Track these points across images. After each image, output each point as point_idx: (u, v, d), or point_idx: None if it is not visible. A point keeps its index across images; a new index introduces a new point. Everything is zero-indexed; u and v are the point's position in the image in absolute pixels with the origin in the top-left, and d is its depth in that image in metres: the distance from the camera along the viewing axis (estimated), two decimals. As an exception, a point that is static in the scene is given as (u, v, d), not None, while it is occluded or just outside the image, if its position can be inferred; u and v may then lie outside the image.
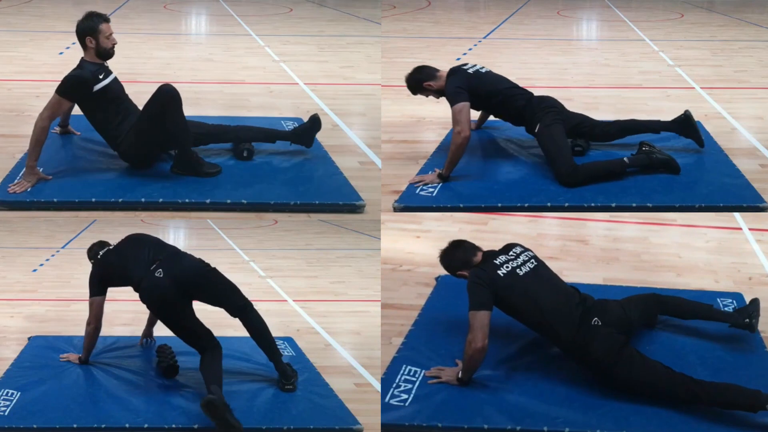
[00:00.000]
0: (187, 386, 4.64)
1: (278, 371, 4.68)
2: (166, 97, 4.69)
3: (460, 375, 4.19)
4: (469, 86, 4.90)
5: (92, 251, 4.97)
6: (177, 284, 4.53)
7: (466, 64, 5.10)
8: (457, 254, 4.47)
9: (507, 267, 4.28)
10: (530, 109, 4.99)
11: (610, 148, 5.19)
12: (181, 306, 4.57)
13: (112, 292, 4.86)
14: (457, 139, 4.75)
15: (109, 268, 4.76)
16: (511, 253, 4.39)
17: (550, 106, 5.01)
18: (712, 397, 3.93)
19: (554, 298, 4.25)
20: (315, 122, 5.29)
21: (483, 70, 5.09)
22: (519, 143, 5.37)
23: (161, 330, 4.88)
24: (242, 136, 5.17)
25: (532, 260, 4.39)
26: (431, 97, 5.12)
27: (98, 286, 4.77)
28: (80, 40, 4.77)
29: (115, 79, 4.85)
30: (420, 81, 5.08)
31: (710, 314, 4.71)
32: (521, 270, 4.29)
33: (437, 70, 5.09)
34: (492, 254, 4.40)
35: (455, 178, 4.86)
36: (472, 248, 4.47)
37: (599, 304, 4.33)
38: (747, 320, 4.61)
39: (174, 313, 4.58)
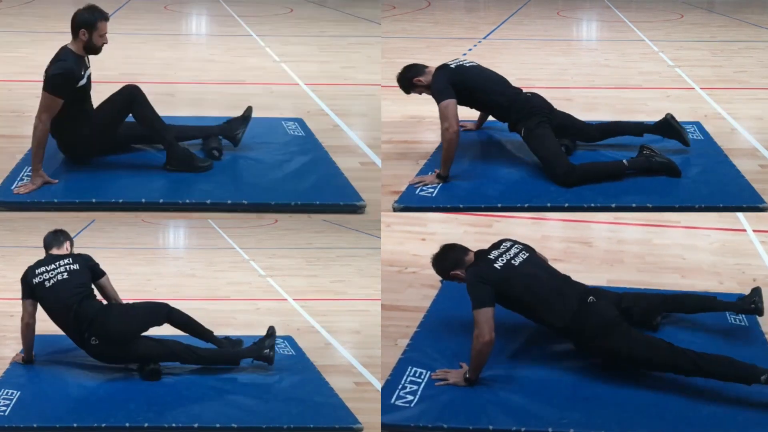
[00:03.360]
0: (187, 386, 4.64)
1: (218, 347, 4.90)
2: (131, 95, 4.77)
3: (468, 375, 4.22)
4: (452, 81, 4.89)
5: (45, 244, 4.94)
6: (115, 343, 4.64)
7: (451, 61, 5.09)
8: (448, 256, 4.55)
9: (502, 260, 4.37)
10: (515, 109, 4.97)
11: (601, 148, 5.19)
12: (132, 346, 4.66)
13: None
14: (446, 135, 4.75)
15: (40, 304, 4.80)
16: (502, 247, 4.48)
17: (535, 106, 4.97)
18: (711, 368, 4.04)
19: (551, 284, 4.36)
20: (248, 113, 5.28)
21: (468, 64, 5.08)
22: (519, 143, 5.36)
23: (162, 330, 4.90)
24: (177, 135, 5.08)
25: (524, 251, 4.49)
26: (429, 100, 5.12)
27: (28, 293, 4.81)
28: (74, 28, 4.72)
29: (90, 75, 4.84)
30: (410, 78, 5.08)
31: (714, 305, 4.79)
32: (516, 260, 4.39)
33: (426, 66, 5.10)
34: (485, 252, 4.48)
35: (455, 178, 4.87)
36: (463, 249, 4.55)
37: (593, 288, 4.46)
38: (753, 305, 4.71)
39: (134, 354, 4.67)
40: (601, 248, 6.35)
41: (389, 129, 5.94)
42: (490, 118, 5.48)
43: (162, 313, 4.85)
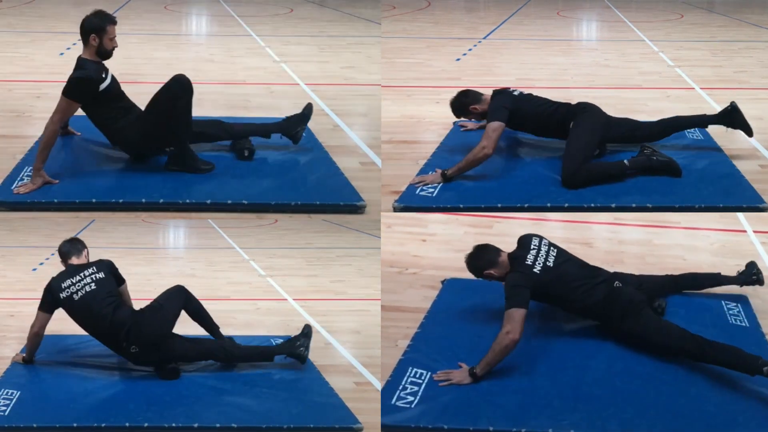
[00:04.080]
0: (187, 386, 4.64)
1: None
2: (180, 86, 4.76)
3: (476, 370, 4.23)
4: (514, 107, 4.95)
5: (63, 254, 4.95)
6: (154, 347, 4.67)
7: (509, 88, 5.13)
8: (482, 256, 4.67)
9: (539, 263, 4.54)
10: (570, 115, 5.02)
11: (616, 151, 5.20)
12: (170, 347, 4.71)
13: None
14: (479, 152, 4.79)
15: (71, 317, 4.78)
16: (532, 247, 4.60)
17: (585, 107, 5.05)
18: (717, 355, 4.23)
19: (582, 274, 4.61)
20: (307, 113, 5.28)
21: (526, 93, 5.14)
22: (520, 143, 5.38)
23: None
24: (234, 133, 5.18)
25: (551, 248, 4.65)
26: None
27: (50, 306, 4.76)
28: (84, 35, 4.77)
29: (113, 76, 4.88)
30: (466, 105, 5.14)
31: (719, 280, 5.21)
32: (550, 261, 4.57)
33: (482, 94, 5.15)
34: (519, 256, 4.59)
35: (455, 178, 4.87)
36: (496, 250, 4.69)
37: (616, 273, 4.78)
38: (754, 277, 5.17)
39: (172, 354, 4.72)
40: (602, 249, 6.35)
41: (389, 129, 5.94)
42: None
43: (181, 297, 4.89)
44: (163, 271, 8.60)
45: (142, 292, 5.51)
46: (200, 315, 4.99)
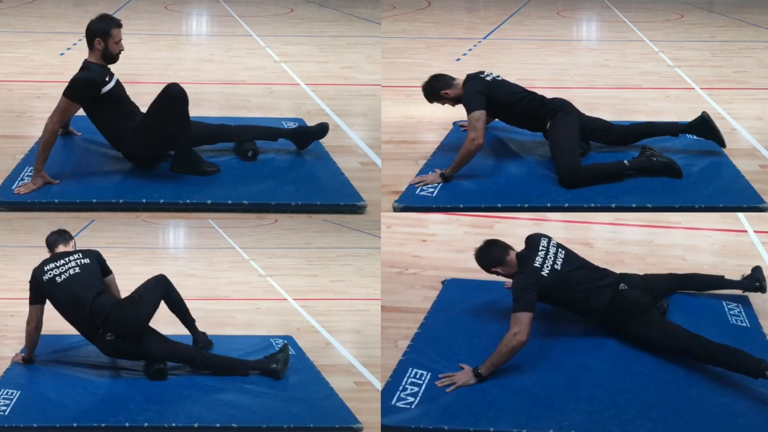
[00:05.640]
0: (187, 386, 4.64)
1: (194, 336, 5.06)
2: (175, 97, 4.70)
3: (481, 370, 4.24)
4: (488, 93, 4.93)
5: (50, 243, 4.97)
6: (131, 338, 4.66)
7: (482, 72, 5.11)
8: (492, 252, 4.67)
9: (547, 266, 4.54)
10: (543, 110, 5.01)
11: (611, 150, 5.20)
12: (146, 343, 4.68)
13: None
14: (470, 145, 4.78)
15: (51, 301, 4.78)
16: (540, 248, 4.60)
17: (561, 105, 5.03)
18: (722, 358, 4.23)
19: (589, 277, 4.61)
20: (322, 130, 5.30)
21: (499, 79, 5.10)
22: (520, 143, 5.38)
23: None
24: (244, 135, 5.19)
25: (560, 249, 4.65)
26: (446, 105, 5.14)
27: (37, 295, 4.78)
28: (89, 39, 4.76)
29: (118, 80, 4.86)
30: (437, 89, 5.11)
31: (722, 283, 5.21)
32: (557, 264, 4.56)
33: (453, 78, 5.12)
34: (527, 256, 4.58)
35: (455, 178, 4.87)
36: (505, 247, 4.68)
37: (622, 274, 4.76)
38: (757, 283, 5.14)
39: (147, 350, 4.69)
40: (602, 249, 6.35)
41: (389, 129, 5.94)
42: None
43: (162, 288, 4.92)
44: (163, 271, 8.58)
45: (141, 292, 5.52)
46: (179, 307, 5.01)
